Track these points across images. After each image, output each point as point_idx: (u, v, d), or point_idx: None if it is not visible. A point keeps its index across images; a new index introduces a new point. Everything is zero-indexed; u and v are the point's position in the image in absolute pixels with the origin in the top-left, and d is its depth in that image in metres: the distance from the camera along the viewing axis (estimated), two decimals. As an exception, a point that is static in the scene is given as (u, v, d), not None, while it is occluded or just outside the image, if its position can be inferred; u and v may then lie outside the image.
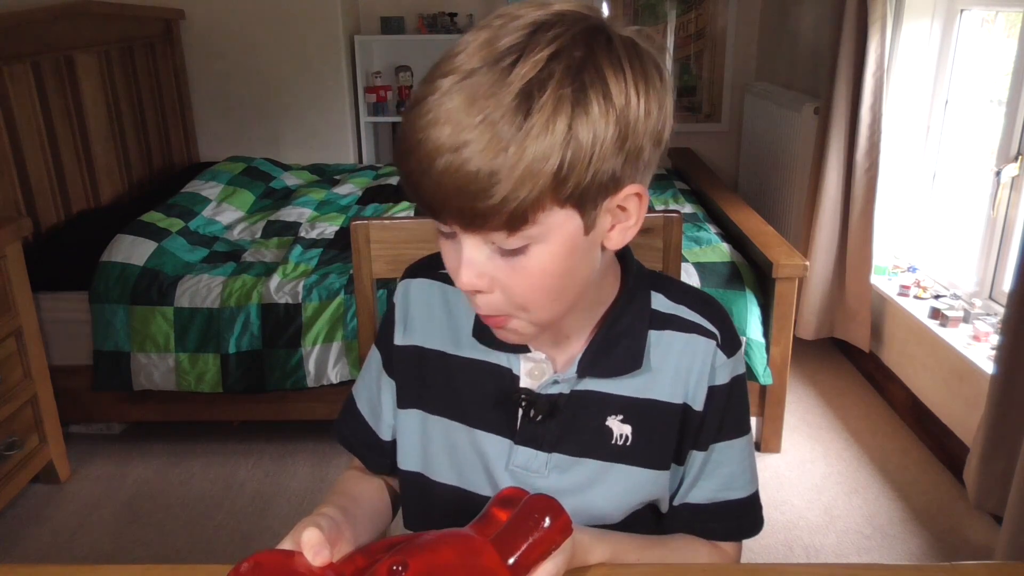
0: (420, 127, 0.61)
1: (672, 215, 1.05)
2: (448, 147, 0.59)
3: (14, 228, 2.06)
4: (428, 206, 0.64)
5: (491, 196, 0.60)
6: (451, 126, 0.59)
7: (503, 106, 0.59)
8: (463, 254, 0.66)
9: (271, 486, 2.25)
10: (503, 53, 0.60)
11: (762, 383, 2.24)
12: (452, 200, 0.61)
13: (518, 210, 0.61)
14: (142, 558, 1.98)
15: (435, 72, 0.62)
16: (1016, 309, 1.71)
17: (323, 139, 3.82)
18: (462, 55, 0.62)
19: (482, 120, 0.59)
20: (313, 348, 2.27)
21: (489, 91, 0.59)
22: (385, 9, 3.87)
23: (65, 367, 2.34)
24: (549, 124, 0.59)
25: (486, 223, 0.62)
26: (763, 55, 3.93)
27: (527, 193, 0.60)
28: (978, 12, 2.51)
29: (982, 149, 2.49)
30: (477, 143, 0.59)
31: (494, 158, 0.59)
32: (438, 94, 0.60)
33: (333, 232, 2.73)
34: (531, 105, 0.59)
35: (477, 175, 0.59)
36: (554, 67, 0.60)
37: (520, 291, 0.67)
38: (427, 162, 0.60)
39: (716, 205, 2.88)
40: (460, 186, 0.60)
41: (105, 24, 3.07)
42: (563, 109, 0.60)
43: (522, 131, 0.59)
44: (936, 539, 2.00)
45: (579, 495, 0.79)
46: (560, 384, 0.78)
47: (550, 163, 0.60)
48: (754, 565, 0.80)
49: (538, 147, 0.59)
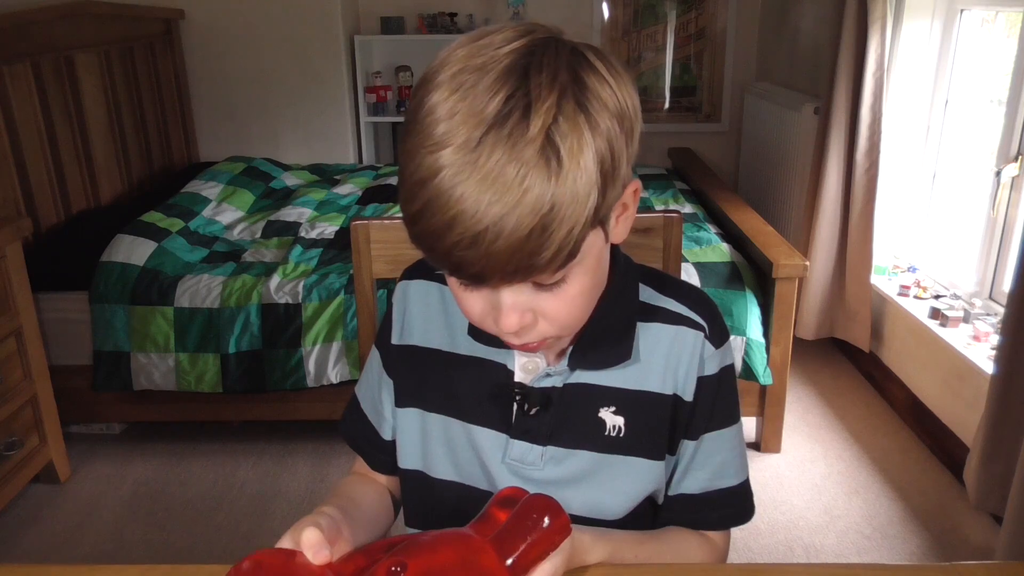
0: (450, 204, 0.58)
1: (672, 215, 1.04)
2: (494, 216, 0.58)
3: (14, 228, 2.06)
4: (474, 275, 0.62)
5: (546, 248, 0.60)
6: (489, 193, 0.58)
7: (534, 161, 0.58)
8: (504, 302, 0.66)
9: (271, 486, 2.25)
10: (506, 109, 0.58)
11: (762, 383, 2.24)
12: (506, 264, 0.60)
13: (571, 251, 0.62)
14: (142, 558, 1.98)
15: (428, 143, 0.60)
16: (1016, 309, 1.71)
17: (323, 139, 3.82)
18: (455, 120, 0.59)
19: (521, 180, 0.58)
20: (313, 348, 2.27)
21: (513, 150, 0.58)
22: (385, 9, 3.87)
23: (65, 367, 2.34)
24: (580, 162, 0.59)
25: (537, 273, 0.62)
26: (763, 55, 3.93)
27: (578, 233, 0.61)
28: (978, 12, 2.51)
29: (982, 149, 2.49)
30: (524, 204, 0.58)
31: (544, 214, 0.58)
32: (454, 168, 0.58)
33: (333, 232, 2.73)
34: (560, 152, 0.58)
35: (531, 235, 0.59)
36: (565, 106, 0.59)
37: (564, 315, 0.69)
38: (471, 236, 0.59)
39: (716, 205, 2.88)
40: (515, 250, 0.59)
41: (105, 24, 3.07)
42: (586, 142, 0.59)
43: (560, 178, 0.58)
44: (936, 539, 2.00)
45: (577, 487, 0.80)
46: (553, 377, 0.80)
47: (591, 199, 0.60)
48: (754, 565, 0.80)
49: (578, 188, 0.59)
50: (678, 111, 4.11)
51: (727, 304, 2.23)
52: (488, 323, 0.70)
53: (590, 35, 3.90)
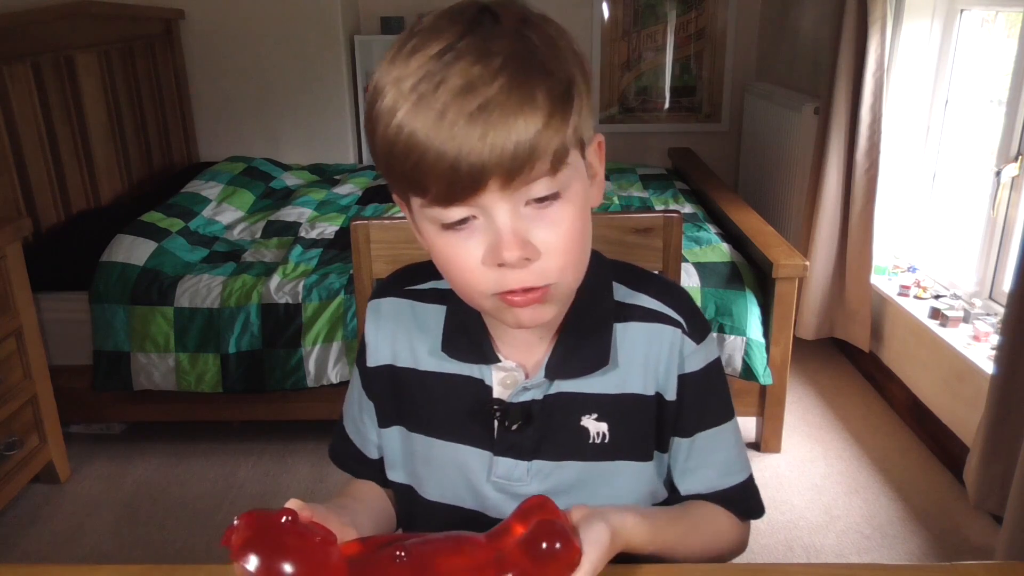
0: (444, 86, 0.60)
1: (672, 215, 1.04)
2: (482, 102, 0.59)
3: (14, 228, 2.06)
4: (473, 172, 0.60)
5: (540, 134, 0.60)
6: (472, 87, 0.59)
7: (511, 49, 0.61)
8: (503, 226, 0.64)
9: (271, 486, 2.25)
10: (476, 21, 0.62)
11: (762, 383, 2.24)
12: (502, 154, 0.60)
13: (562, 142, 0.62)
14: (142, 558, 1.98)
15: (399, 62, 0.62)
16: (1016, 309, 1.71)
17: (323, 139, 3.82)
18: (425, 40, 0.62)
19: (501, 65, 0.60)
20: (313, 348, 2.27)
21: (490, 38, 0.61)
22: (385, 9, 3.87)
23: (65, 367, 2.34)
24: (559, 44, 0.64)
25: (534, 168, 0.62)
26: (763, 55, 3.93)
27: (566, 127, 0.62)
28: (978, 12, 2.51)
29: (982, 149, 2.49)
30: (510, 88, 0.59)
31: (534, 84, 0.60)
32: (435, 63, 0.60)
33: (333, 232, 2.73)
34: (533, 43, 0.62)
35: (524, 119, 0.59)
36: (530, 15, 0.65)
37: (560, 247, 0.66)
38: (463, 126, 0.59)
39: (716, 205, 2.88)
40: (510, 135, 0.59)
41: (105, 24, 3.07)
42: (559, 45, 0.64)
43: (543, 64, 0.61)
44: (936, 539, 2.00)
45: (567, 498, 0.79)
46: (531, 390, 0.78)
47: (572, 93, 0.63)
48: (754, 565, 0.79)
49: (558, 77, 0.62)
50: (678, 111, 4.11)
51: (727, 304, 2.23)
52: (485, 276, 0.66)
53: (590, 35, 3.91)
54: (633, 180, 3.31)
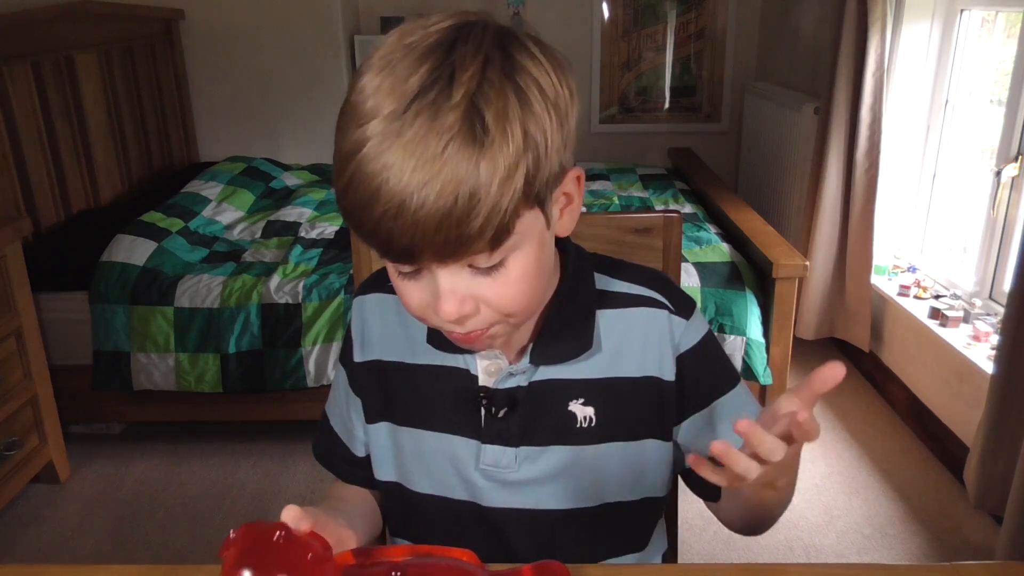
0: (374, 173, 0.58)
1: (672, 215, 1.04)
2: (418, 183, 0.57)
3: (14, 228, 2.06)
4: (403, 251, 0.61)
5: (475, 217, 0.58)
6: (412, 161, 0.57)
7: (458, 127, 0.57)
8: (441, 287, 0.64)
9: (271, 486, 2.25)
10: (430, 79, 0.58)
11: (762, 383, 2.24)
12: (434, 235, 0.59)
13: (501, 224, 0.60)
14: (142, 558, 1.98)
15: (357, 118, 0.60)
16: (1016, 309, 1.71)
17: (323, 139, 3.81)
18: (380, 94, 0.59)
19: (444, 146, 0.57)
20: (313, 348, 2.27)
21: (436, 118, 0.57)
22: (385, 9, 3.87)
23: (65, 367, 2.34)
24: (507, 132, 0.58)
25: (470, 248, 0.61)
26: (763, 55, 3.93)
27: (507, 204, 0.59)
28: (978, 12, 2.51)
29: (982, 149, 2.49)
30: (447, 171, 0.57)
31: (469, 181, 0.57)
32: (378, 137, 0.58)
33: (333, 232, 2.73)
34: (484, 118, 0.58)
35: (456, 203, 0.57)
36: (490, 76, 0.59)
37: (506, 301, 0.67)
38: (396, 206, 0.58)
39: (716, 205, 2.88)
40: (441, 218, 0.58)
41: (105, 24, 3.07)
42: (515, 114, 0.59)
43: (485, 146, 0.58)
44: (936, 539, 2.00)
45: (556, 483, 0.80)
46: (516, 376, 0.79)
47: (519, 170, 0.59)
48: (754, 565, 0.79)
49: (506, 157, 0.58)
50: (678, 111, 4.10)
51: (727, 304, 2.23)
52: (429, 314, 0.68)
53: (590, 35, 3.90)
54: (633, 180, 3.31)
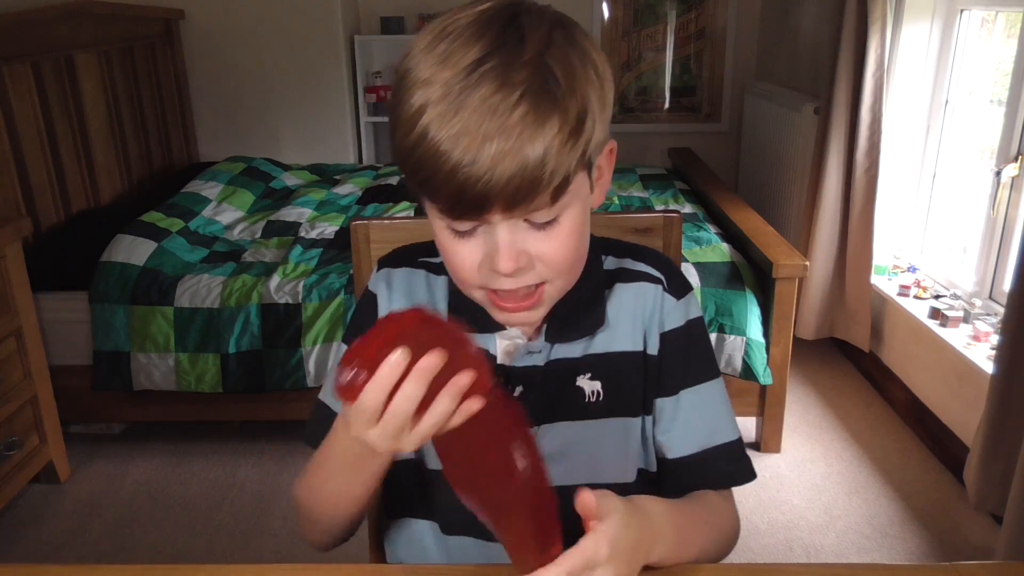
0: (450, 124, 0.61)
1: (672, 215, 1.04)
2: (495, 131, 0.60)
3: (14, 228, 2.06)
4: (475, 200, 0.63)
5: (546, 168, 0.62)
6: (489, 111, 0.60)
7: (530, 81, 0.61)
8: (500, 240, 0.67)
9: (271, 486, 2.25)
10: (501, 40, 0.62)
11: (762, 383, 2.24)
12: (506, 184, 0.61)
13: (565, 178, 0.64)
14: (142, 558, 1.98)
15: (420, 79, 0.63)
16: (1016, 309, 1.71)
17: (323, 139, 3.82)
18: (448, 57, 0.62)
19: (519, 98, 0.60)
20: (313, 348, 2.27)
21: (509, 72, 0.61)
22: (385, 9, 3.87)
23: (65, 367, 2.34)
24: (576, 90, 0.63)
25: (536, 198, 0.64)
26: (763, 55, 3.93)
27: (572, 159, 0.63)
28: (978, 12, 2.51)
29: (982, 149, 2.49)
30: (523, 121, 0.60)
31: (543, 131, 0.61)
32: (453, 93, 0.61)
33: (333, 232, 2.73)
34: (555, 75, 0.62)
35: (531, 151, 0.61)
36: (556, 39, 0.64)
37: (559, 256, 0.70)
38: (474, 153, 0.61)
39: (716, 205, 2.88)
40: (516, 167, 0.61)
41: (105, 24, 3.07)
42: (580, 75, 0.64)
43: (558, 100, 0.62)
44: (936, 539, 2.00)
45: (570, 459, 0.81)
46: (533, 355, 0.80)
47: (584, 127, 0.63)
48: (754, 565, 0.80)
49: (574, 113, 0.62)
50: (678, 111, 4.11)
51: (727, 304, 2.23)
52: (482, 274, 0.69)
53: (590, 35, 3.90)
54: (633, 180, 3.31)
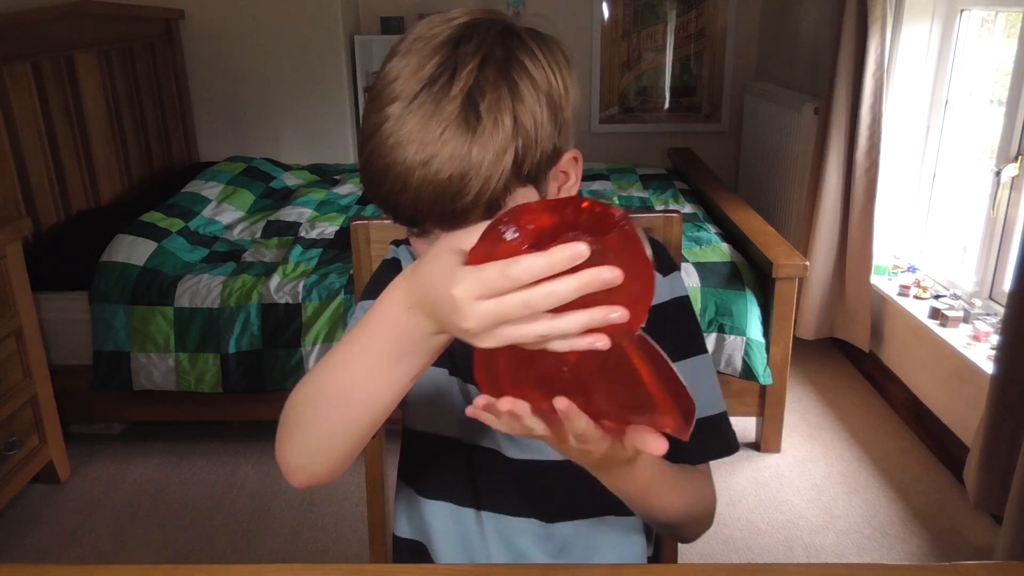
0: (386, 152, 0.68)
1: (672, 215, 1.05)
2: (418, 163, 0.67)
3: (14, 228, 2.06)
4: (409, 218, 0.71)
5: (467, 194, 0.67)
6: (415, 144, 0.67)
7: (455, 116, 0.67)
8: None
9: (271, 486, 2.25)
10: (436, 72, 0.68)
11: (762, 383, 2.24)
12: (432, 208, 0.68)
13: (491, 200, 0.68)
14: (142, 558, 1.98)
15: (379, 102, 0.69)
16: (1016, 309, 1.71)
17: (323, 139, 3.82)
18: (398, 82, 0.69)
19: (441, 132, 0.66)
20: (313, 348, 2.27)
21: (437, 107, 0.67)
22: (385, 9, 3.88)
23: (65, 367, 2.34)
24: (498, 121, 0.67)
25: (466, 219, 0.69)
26: (763, 55, 3.93)
27: (496, 183, 0.68)
28: (978, 12, 2.51)
29: (982, 149, 2.49)
30: (443, 153, 0.66)
31: (462, 162, 0.66)
32: (392, 121, 0.68)
33: (333, 232, 2.73)
34: (478, 110, 0.67)
35: (450, 181, 0.67)
36: (486, 72, 0.68)
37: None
38: (402, 180, 0.67)
39: (716, 205, 2.88)
40: (437, 194, 0.67)
41: (105, 24, 3.07)
42: (505, 106, 0.67)
43: (478, 133, 0.67)
44: (936, 539, 2.00)
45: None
46: None
47: (507, 154, 0.68)
48: (754, 565, 0.80)
49: (495, 143, 0.67)
50: (678, 111, 4.11)
51: (727, 304, 2.23)
52: None
53: (590, 35, 3.90)
54: (633, 180, 3.31)
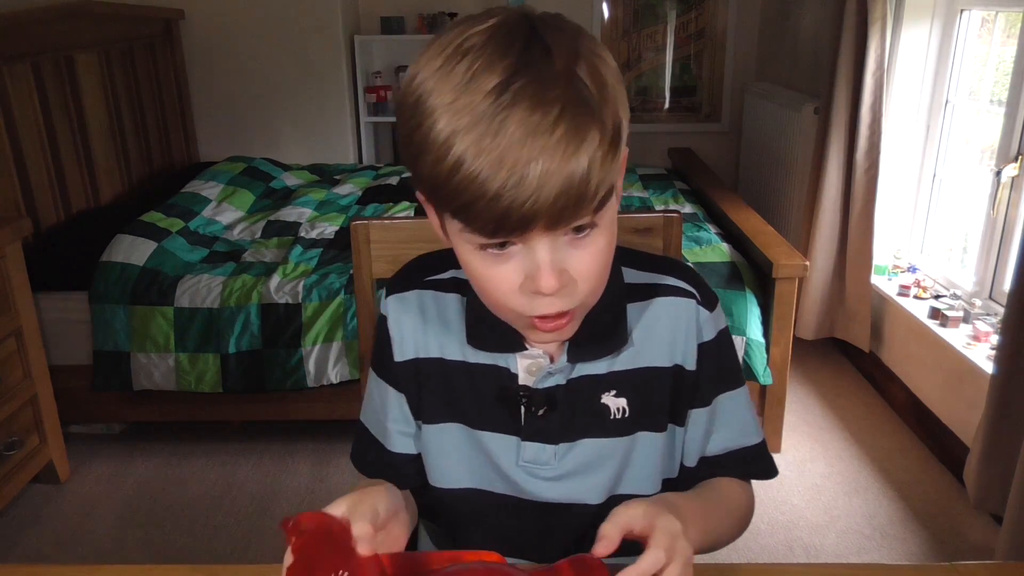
0: (492, 146, 0.60)
1: (672, 215, 1.04)
2: (540, 149, 0.60)
3: (14, 228, 2.06)
4: (521, 219, 0.62)
5: (593, 179, 0.62)
6: (530, 129, 0.60)
7: (567, 94, 0.61)
8: (541, 259, 0.66)
9: (271, 486, 2.25)
10: (528, 56, 0.62)
11: (762, 383, 2.24)
12: (555, 201, 0.61)
13: (608, 191, 0.65)
14: (142, 558, 1.98)
15: (446, 103, 0.61)
16: (1016, 309, 1.71)
17: (323, 139, 3.82)
18: (476, 76, 0.61)
19: (559, 113, 0.60)
20: (313, 348, 2.27)
21: (544, 87, 0.61)
22: (385, 9, 3.87)
23: (65, 367, 2.34)
24: (607, 98, 0.63)
25: (582, 211, 0.64)
26: (763, 55, 3.93)
27: (614, 171, 0.64)
28: (978, 12, 2.51)
29: (982, 149, 2.49)
30: (566, 135, 0.60)
31: (586, 143, 0.61)
32: (489, 113, 0.60)
33: (333, 232, 2.73)
34: (588, 86, 0.62)
35: (578, 165, 0.61)
36: (581, 50, 0.64)
37: (594, 271, 0.70)
38: (520, 174, 0.60)
39: (716, 205, 2.88)
40: (564, 182, 0.61)
41: (105, 24, 3.07)
42: (609, 82, 0.64)
43: (595, 110, 0.62)
44: (936, 539, 2.00)
45: (593, 475, 0.81)
46: (555, 375, 0.80)
47: (621, 132, 0.65)
48: (754, 565, 0.80)
49: (611, 119, 0.63)
50: (678, 111, 4.11)
51: (727, 304, 2.23)
52: (519, 298, 0.68)
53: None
54: (633, 180, 3.31)
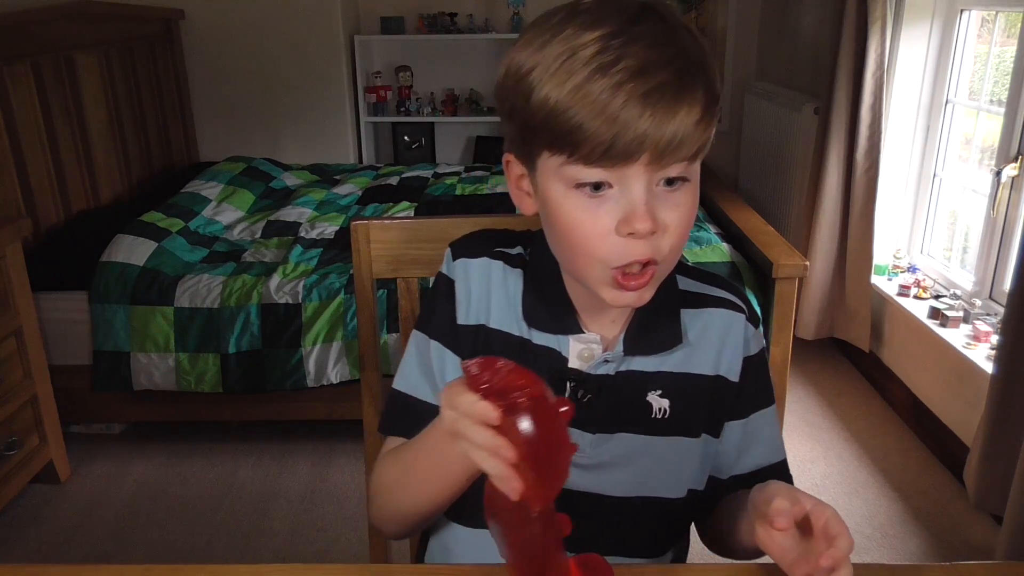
0: (630, 55, 0.64)
1: (672, 215, 1.04)
2: (665, 73, 0.65)
3: (14, 228, 2.06)
4: (634, 139, 0.65)
5: (697, 115, 0.66)
6: (658, 58, 0.65)
7: (685, 42, 0.67)
8: (636, 199, 0.69)
9: (271, 486, 2.25)
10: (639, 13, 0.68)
11: (762, 383, 2.24)
12: (665, 129, 0.65)
13: (708, 138, 0.69)
14: (142, 558, 1.98)
15: (569, 32, 0.66)
16: (1016, 309, 1.71)
17: (323, 139, 3.82)
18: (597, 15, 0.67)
19: (674, 53, 0.66)
20: (313, 348, 2.27)
21: (664, 20, 0.67)
22: (385, 9, 3.87)
23: (65, 367, 2.34)
24: (709, 59, 0.69)
25: (684, 147, 0.67)
26: (763, 55, 3.93)
27: (713, 124, 0.69)
28: (978, 12, 2.51)
29: (982, 149, 2.49)
30: (691, 56, 0.67)
31: (699, 89, 0.67)
32: (616, 41, 0.65)
33: (333, 232, 2.73)
34: (697, 42, 0.69)
35: (687, 97, 0.66)
36: (683, 23, 0.70)
37: (681, 227, 0.72)
38: (638, 94, 0.64)
39: (716, 205, 2.88)
40: (676, 117, 0.65)
41: (105, 24, 3.07)
42: (706, 48, 0.70)
43: (705, 65, 0.68)
44: (936, 539, 2.00)
45: (624, 469, 0.82)
46: (609, 364, 0.81)
47: (719, 95, 0.70)
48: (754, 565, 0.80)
49: (714, 77, 0.69)
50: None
51: (727, 304, 2.23)
52: (609, 244, 0.70)
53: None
54: (633, 180, 3.31)
